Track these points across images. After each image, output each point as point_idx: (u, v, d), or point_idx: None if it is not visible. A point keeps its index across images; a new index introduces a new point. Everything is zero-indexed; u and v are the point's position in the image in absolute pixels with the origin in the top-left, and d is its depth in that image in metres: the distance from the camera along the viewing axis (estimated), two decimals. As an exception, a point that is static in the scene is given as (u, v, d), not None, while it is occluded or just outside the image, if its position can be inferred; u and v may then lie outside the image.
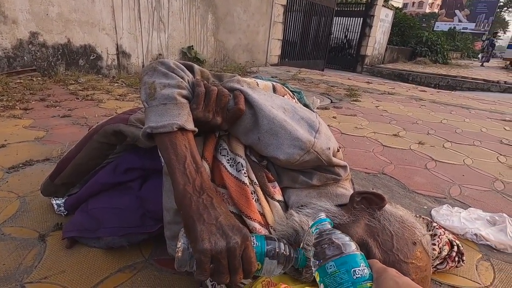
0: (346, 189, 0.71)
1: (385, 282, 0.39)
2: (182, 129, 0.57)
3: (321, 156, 0.65)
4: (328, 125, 2.21)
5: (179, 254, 0.48)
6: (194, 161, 0.56)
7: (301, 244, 0.58)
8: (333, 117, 2.53)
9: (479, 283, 0.86)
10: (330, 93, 3.64)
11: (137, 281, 0.76)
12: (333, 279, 0.42)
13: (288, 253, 0.53)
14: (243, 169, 0.66)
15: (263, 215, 0.65)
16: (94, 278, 0.75)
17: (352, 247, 0.45)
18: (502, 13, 34.53)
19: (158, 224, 0.80)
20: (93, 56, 3.48)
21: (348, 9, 9.73)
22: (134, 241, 0.83)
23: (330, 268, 0.43)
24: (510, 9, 34.75)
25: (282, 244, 0.54)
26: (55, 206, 0.98)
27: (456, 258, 0.88)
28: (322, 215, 0.52)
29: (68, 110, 2.10)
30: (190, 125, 0.59)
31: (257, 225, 0.63)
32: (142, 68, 3.98)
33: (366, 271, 0.43)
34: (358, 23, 9.39)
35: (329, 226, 0.50)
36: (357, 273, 0.42)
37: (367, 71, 9.35)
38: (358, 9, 9.48)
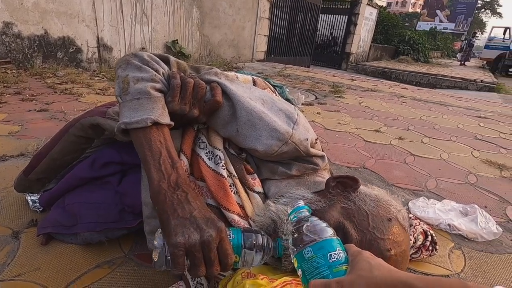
0: (324, 178, 0.72)
1: (358, 264, 0.40)
2: (157, 124, 0.57)
3: (299, 147, 0.66)
4: (312, 121, 2.25)
5: (155, 254, 0.49)
6: (169, 156, 0.55)
7: (280, 233, 0.59)
8: (318, 113, 2.57)
9: (450, 270, 0.90)
10: (315, 90, 3.68)
11: (116, 276, 0.75)
12: (310, 264, 0.44)
13: (266, 244, 0.54)
14: (221, 162, 0.66)
15: (242, 207, 0.66)
16: (71, 275, 0.74)
17: (329, 232, 0.46)
18: (480, 14, 35.86)
19: (137, 219, 0.79)
20: (72, 49, 3.36)
21: (334, 6, 9.83)
22: (113, 237, 0.82)
23: (307, 254, 0.44)
24: (487, 11, 36.16)
25: (259, 236, 0.54)
26: (30, 202, 0.94)
27: (430, 247, 0.91)
28: (300, 203, 0.52)
29: (45, 104, 2.02)
30: (165, 119, 0.59)
31: (236, 217, 0.63)
32: (125, 62, 3.87)
33: (342, 254, 0.44)
34: (343, 21, 9.51)
35: (307, 213, 0.50)
36: (333, 257, 0.43)
37: (352, 69, 9.50)
38: (344, 6, 9.59)
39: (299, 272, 0.45)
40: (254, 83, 0.82)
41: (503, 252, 1.01)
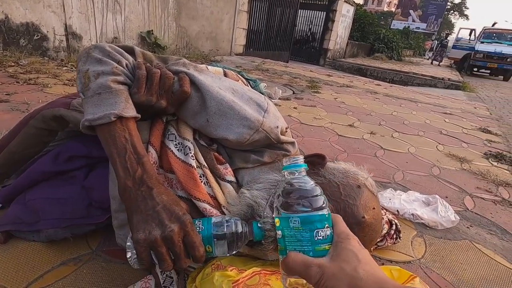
0: None
1: (344, 253, 0.38)
2: (121, 118, 0.56)
3: (270, 134, 0.67)
4: (288, 116, 2.28)
5: (129, 252, 0.49)
6: (135, 152, 0.55)
7: (257, 218, 0.60)
8: (294, 107, 2.60)
9: (412, 257, 0.96)
10: (292, 85, 3.72)
11: (82, 273, 0.73)
12: (293, 233, 0.41)
13: (240, 230, 0.53)
14: (190, 152, 0.66)
15: (213, 197, 0.66)
16: (32, 273, 0.70)
17: (321, 202, 0.42)
18: (449, 15, 37.73)
19: (106, 214, 0.77)
20: (37, 36, 3.15)
21: (312, 2, 9.91)
22: (80, 233, 0.79)
23: (293, 223, 0.41)
24: (455, 13, 38.10)
25: (232, 223, 0.53)
26: (-13, 198, 0.88)
27: (394, 236, 0.97)
28: (300, 159, 0.46)
29: (6, 94, 1.89)
30: (130, 112, 0.58)
31: (207, 206, 0.63)
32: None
33: (328, 232, 0.41)
34: (321, 17, 9.62)
35: (304, 173, 0.45)
36: (319, 234, 0.40)
37: (329, 65, 9.68)
38: (322, 3, 9.70)
39: (279, 233, 0.43)
40: (225, 75, 0.82)
41: (459, 238, 1.09)
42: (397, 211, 1.16)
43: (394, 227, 0.97)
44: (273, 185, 0.64)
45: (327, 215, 0.42)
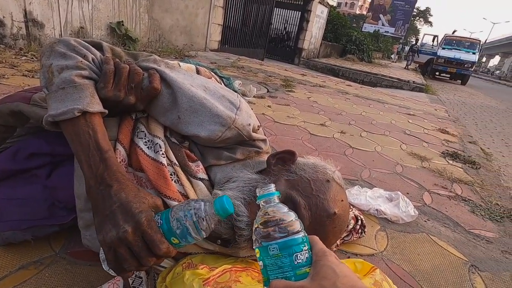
0: (265, 159, 0.75)
1: (323, 270, 0.39)
2: (85, 113, 0.55)
3: (242, 132, 0.68)
4: (262, 114, 2.30)
5: (100, 255, 0.49)
6: (98, 148, 0.54)
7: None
8: (268, 106, 2.63)
9: (375, 250, 1.02)
10: (267, 83, 3.75)
11: (44, 277, 0.69)
12: (274, 261, 0.42)
13: (203, 215, 0.49)
14: (161, 150, 0.65)
15: (184, 195, 0.65)
16: (-13, 279, 0.66)
17: (297, 227, 0.43)
18: (415, 21, 39.96)
19: (71, 214, 0.74)
20: (-8, 21, 2.89)
21: (288, 1, 10.01)
22: (42, 234, 0.75)
23: (272, 250, 0.42)
24: (421, 19, 40.46)
25: (192, 206, 0.50)
26: None
27: (360, 230, 1.02)
28: (271, 188, 0.47)
29: (-45, 85, 1.72)
30: (95, 107, 0.56)
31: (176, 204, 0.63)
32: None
33: (307, 255, 0.42)
34: (296, 17, 9.76)
35: (277, 201, 0.47)
36: (298, 258, 0.41)
37: (304, 64, 9.86)
38: (297, 2, 9.83)
39: (260, 264, 0.44)
40: (198, 72, 0.82)
41: (418, 231, 1.18)
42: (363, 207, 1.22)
43: (359, 222, 1.03)
44: (246, 183, 0.65)
45: (304, 238, 0.43)
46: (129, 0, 4.21)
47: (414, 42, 16.21)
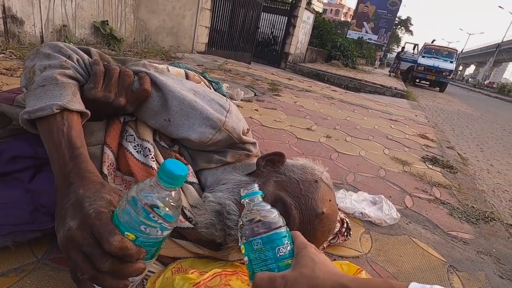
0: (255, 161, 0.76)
1: (303, 260, 0.42)
2: (64, 111, 0.52)
3: (232, 134, 0.69)
4: (250, 117, 2.31)
5: None
6: (70, 145, 0.49)
7: (226, 217, 0.60)
8: (256, 109, 2.65)
9: (360, 252, 1.05)
10: (254, 86, 3.77)
11: (25, 284, 0.67)
12: (258, 255, 0.44)
13: (157, 201, 0.39)
14: (150, 154, 0.65)
15: None
16: (-36, 287, 0.63)
17: (279, 223, 0.46)
18: (397, 30, 41.40)
19: (54, 219, 0.72)
20: (-33, 17, 2.76)
21: (275, 6, 10.13)
22: (23, 240, 0.72)
23: (256, 245, 0.44)
24: (402, 28, 41.98)
25: (135, 191, 0.40)
26: None
27: (345, 233, 1.05)
28: (255, 187, 0.49)
29: None
30: (76, 105, 0.54)
31: None
32: (40, 38, 3.36)
33: (289, 248, 0.45)
34: (283, 22, 9.88)
35: (260, 199, 0.49)
36: (281, 251, 0.44)
37: (290, 68, 9.98)
38: (284, 8, 9.97)
39: (246, 259, 0.46)
40: (187, 77, 0.82)
41: (400, 234, 1.22)
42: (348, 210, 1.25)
43: (345, 225, 1.05)
44: (236, 184, 0.66)
45: (285, 232, 0.46)
46: (114, 0, 4.13)
47: (400, 50, 16.50)
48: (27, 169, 0.76)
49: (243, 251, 0.46)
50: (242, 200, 0.49)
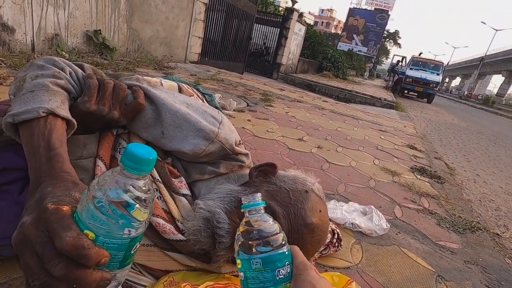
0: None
1: (304, 286, 0.39)
2: (50, 116, 0.50)
3: (225, 145, 0.70)
4: (242, 128, 2.33)
5: None
6: (48, 147, 0.46)
7: (216, 230, 0.59)
8: (248, 120, 2.67)
9: (351, 262, 1.06)
10: (247, 97, 3.81)
11: (12, 300, 0.65)
12: (256, 275, 0.41)
13: (119, 190, 0.33)
14: None
15: (168, 212, 0.66)
16: None
17: (281, 241, 0.42)
18: (386, 43, 42.63)
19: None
20: (-44, 24, 2.73)
21: (267, 18, 10.33)
22: (10, 254, 0.71)
23: (255, 264, 0.41)
24: (390, 41, 43.27)
25: (95, 184, 0.34)
26: None
27: (336, 244, 1.06)
28: (258, 197, 0.45)
29: None
30: (64, 113, 0.53)
31: (161, 221, 0.63)
32: (31, 47, 3.34)
33: (289, 269, 0.42)
34: (275, 33, 10.07)
35: (263, 211, 0.44)
36: (280, 273, 0.41)
37: (282, 79, 10.12)
38: (276, 20, 10.18)
39: (241, 275, 0.42)
40: (180, 90, 0.84)
41: (390, 244, 1.24)
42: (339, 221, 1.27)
43: (336, 236, 1.07)
44: (227, 194, 0.67)
45: (286, 252, 0.42)
46: (108, 9, 4.15)
47: (395, 64, 16.25)
48: (16, 181, 0.76)
49: (239, 266, 0.43)
50: (243, 210, 0.45)
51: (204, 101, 0.99)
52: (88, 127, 0.65)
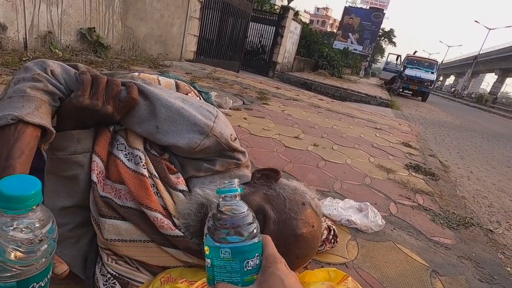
0: (245, 173, 0.78)
1: (271, 278, 0.38)
2: (20, 123, 0.51)
3: (221, 139, 0.70)
4: (238, 126, 2.33)
5: None
6: (7, 156, 0.47)
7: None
8: (244, 118, 2.67)
9: (347, 259, 1.07)
10: (242, 95, 3.81)
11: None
12: (223, 264, 0.39)
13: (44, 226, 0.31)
14: (141, 162, 0.65)
15: (164, 207, 0.66)
16: None
17: (253, 232, 0.40)
18: (381, 41, 42.84)
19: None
20: None
21: (263, 16, 10.32)
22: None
23: (224, 254, 0.39)
24: (385, 39, 43.51)
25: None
26: None
27: (332, 240, 1.07)
28: (234, 183, 0.43)
29: None
30: (35, 119, 0.52)
31: (158, 215, 0.63)
32: (24, 44, 3.30)
33: (257, 261, 0.40)
34: (271, 31, 10.07)
35: (238, 199, 0.42)
36: (249, 265, 0.39)
37: (278, 77, 10.12)
38: (272, 18, 10.17)
39: (208, 261, 0.41)
40: (177, 87, 0.83)
41: (385, 240, 1.25)
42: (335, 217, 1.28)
43: (332, 232, 1.07)
44: None
45: (258, 244, 0.41)
46: (102, 7, 4.11)
47: (402, 69, 14.32)
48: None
49: (206, 252, 0.40)
50: (218, 194, 0.43)
51: (201, 98, 0.99)
52: (83, 123, 0.65)
